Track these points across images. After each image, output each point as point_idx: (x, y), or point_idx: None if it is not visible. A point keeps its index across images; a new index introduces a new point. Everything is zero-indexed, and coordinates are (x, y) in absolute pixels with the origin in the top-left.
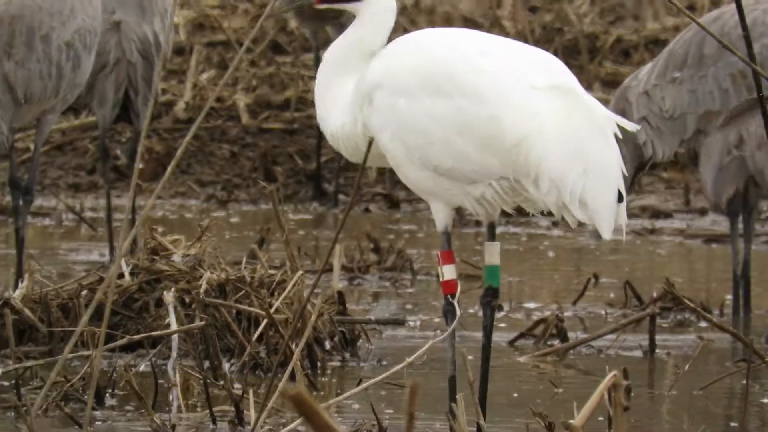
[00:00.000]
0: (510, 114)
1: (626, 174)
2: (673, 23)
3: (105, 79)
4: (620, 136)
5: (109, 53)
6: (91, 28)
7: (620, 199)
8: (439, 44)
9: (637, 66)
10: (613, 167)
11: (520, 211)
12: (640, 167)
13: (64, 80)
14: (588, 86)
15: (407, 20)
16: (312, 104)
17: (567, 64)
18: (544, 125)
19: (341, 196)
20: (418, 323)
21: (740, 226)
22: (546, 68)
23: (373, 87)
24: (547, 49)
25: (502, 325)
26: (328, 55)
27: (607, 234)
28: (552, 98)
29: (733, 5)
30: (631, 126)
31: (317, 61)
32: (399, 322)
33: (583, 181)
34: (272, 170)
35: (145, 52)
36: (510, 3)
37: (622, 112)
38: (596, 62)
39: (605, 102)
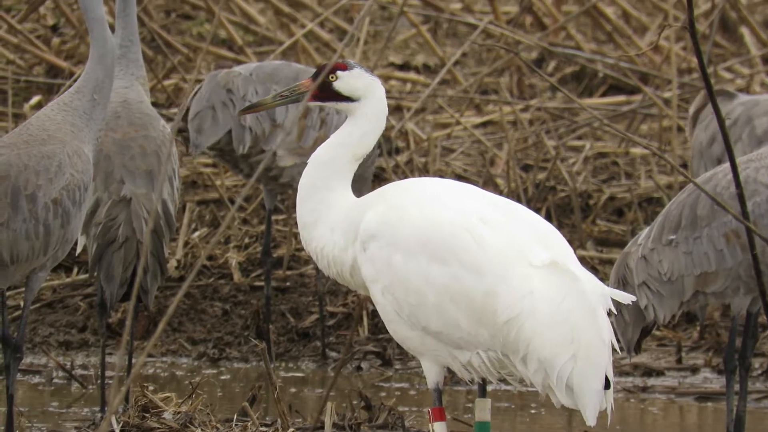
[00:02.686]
0: (506, 291)
1: (629, 338)
2: (666, 182)
3: (113, 256)
4: (614, 311)
5: (117, 229)
6: (80, 182)
7: (607, 385)
8: (440, 205)
9: (630, 224)
10: (602, 353)
11: (505, 382)
12: (644, 330)
13: (52, 238)
14: (581, 245)
15: (399, 179)
16: (305, 262)
17: (560, 222)
18: (537, 306)
19: (332, 353)
20: None
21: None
22: (544, 241)
23: (368, 236)
24: (540, 208)
25: None
26: (316, 157)
27: (591, 420)
28: (548, 278)
29: (727, 165)
30: (625, 299)
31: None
32: None
33: (571, 366)
34: (264, 328)
35: (155, 227)
36: (503, 162)
37: (623, 279)
38: (589, 220)
39: (598, 260)
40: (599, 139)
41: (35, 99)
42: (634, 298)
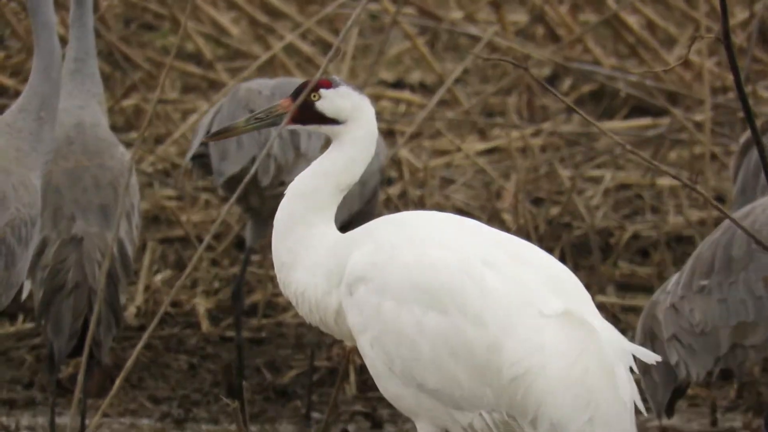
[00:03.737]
0: (512, 344)
1: (659, 400)
2: (698, 217)
3: (61, 304)
4: (636, 370)
5: (67, 273)
6: (27, 218)
7: None
8: (438, 244)
9: (657, 267)
10: (623, 417)
11: None
12: (677, 391)
13: None
14: (600, 289)
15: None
16: (284, 309)
17: (576, 264)
18: (549, 362)
19: (315, 414)
20: None
21: None
22: (557, 286)
23: (355, 279)
24: (553, 247)
25: None
26: (294, 188)
27: None
28: (561, 330)
29: (765, 199)
30: (650, 358)
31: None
32: None
33: (588, 431)
34: (236, 385)
35: (110, 271)
36: (511, 194)
37: (651, 332)
38: (610, 262)
39: (620, 308)
40: (621, 168)
41: None
42: (659, 358)
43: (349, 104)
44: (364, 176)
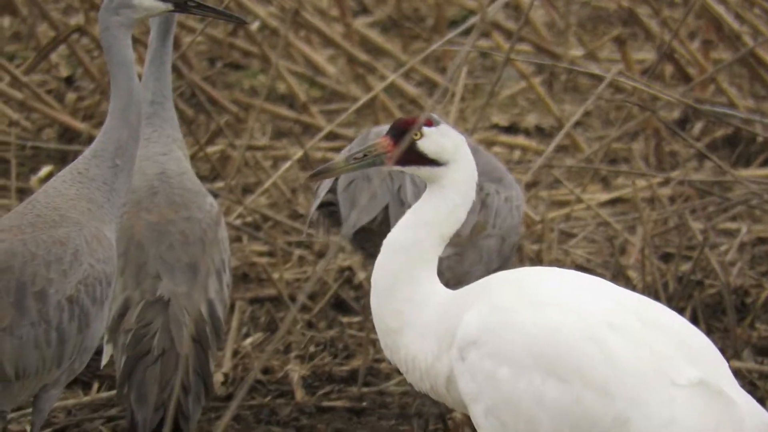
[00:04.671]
0: (641, 417)
1: None
2: None
3: (146, 372)
4: None
5: (152, 338)
6: (101, 275)
7: None
8: (558, 305)
9: None
10: None
11: None
12: None
13: (67, 346)
14: (735, 354)
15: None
16: (386, 376)
17: (709, 326)
18: None
19: None
20: None
21: None
22: (691, 352)
23: (467, 342)
24: (684, 307)
25: None
26: (393, 242)
27: None
28: (695, 401)
29: None
30: None
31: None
32: None
33: None
34: None
35: (199, 335)
36: (637, 249)
37: None
38: (746, 323)
39: (758, 374)
40: (758, 220)
41: (45, 170)
42: None
43: (451, 143)
44: (503, 232)
